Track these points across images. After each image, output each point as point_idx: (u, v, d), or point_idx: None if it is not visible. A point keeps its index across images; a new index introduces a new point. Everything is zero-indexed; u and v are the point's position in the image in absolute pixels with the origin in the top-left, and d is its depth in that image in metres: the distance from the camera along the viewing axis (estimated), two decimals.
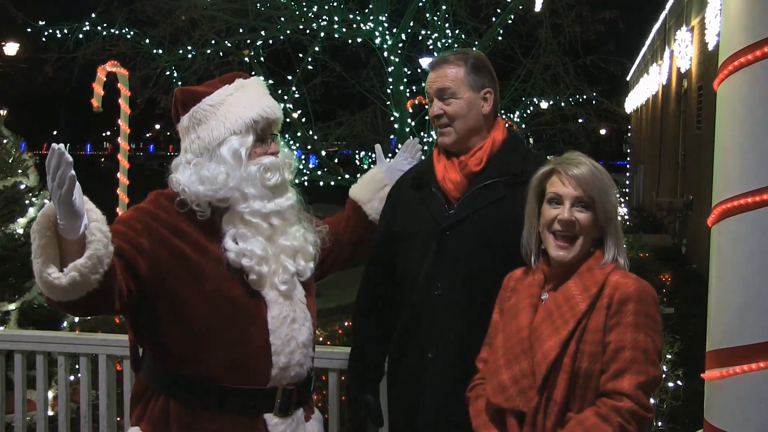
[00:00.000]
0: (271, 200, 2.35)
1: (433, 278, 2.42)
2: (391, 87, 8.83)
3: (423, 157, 2.91)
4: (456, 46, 9.29)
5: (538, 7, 9.08)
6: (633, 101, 25.82)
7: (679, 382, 4.71)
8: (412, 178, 2.62)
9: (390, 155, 9.58)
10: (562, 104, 10.42)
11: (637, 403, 1.98)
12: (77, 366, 3.93)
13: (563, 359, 2.04)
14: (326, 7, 8.73)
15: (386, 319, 2.61)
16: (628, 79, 27.60)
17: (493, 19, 9.37)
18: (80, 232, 1.99)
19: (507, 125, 2.59)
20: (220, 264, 2.29)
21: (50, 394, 4.65)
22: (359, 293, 2.71)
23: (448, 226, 2.42)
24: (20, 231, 5.47)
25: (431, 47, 9.17)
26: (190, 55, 9.14)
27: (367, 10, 8.87)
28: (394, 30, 8.78)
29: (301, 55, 9.55)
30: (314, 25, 8.91)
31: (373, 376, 2.71)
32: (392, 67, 8.73)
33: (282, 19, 9.08)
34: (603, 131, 17.99)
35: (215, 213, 2.34)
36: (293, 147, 9.18)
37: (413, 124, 8.90)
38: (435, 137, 2.56)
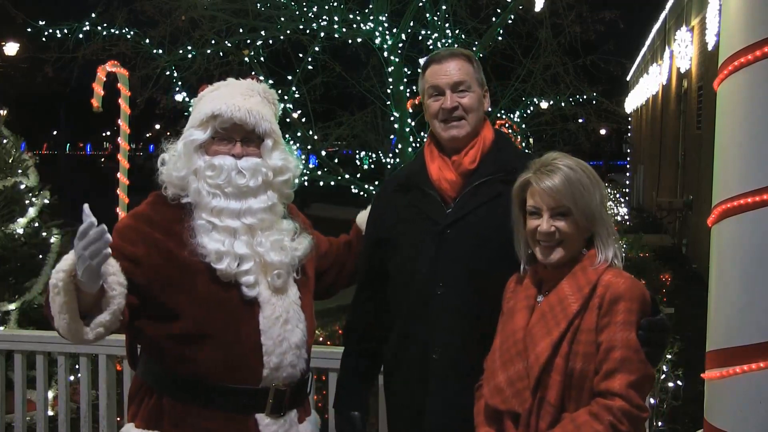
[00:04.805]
0: (240, 199, 2.34)
1: (435, 278, 2.40)
2: (391, 87, 8.81)
3: None
4: (456, 46, 9.28)
5: (538, 8, 9.06)
6: (633, 101, 25.82)
7: (679, 382, 4.71)
8: (399, 182, 2.59)
9: (390, 155, 9.61)
10: (562, 104, 10.39)
11: (629, 403, 1.98)
12: (77, 366, 3.93)
13: (556, 360, 2.04)
14: (326, 7, 8.71)
15: (378, 332, 2.59)
16: (628, 79, 27.59)
17: (493, 19, 9.35)
18: (98, 287, 2.13)
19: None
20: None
21: (50, 394, 4.65)
22: (352, 305, 2.69)
23: (448, 225, 2.41)
24: (20, 231, 5.47)
25: (431, 47, 9.15)
26: (190, 55, 9.11)
27: (367, 10, 8.86)
28: (394, 30, 8.76)
29: (301, 55, 9.51)
30: (314, 25, 8.89)
31: (362, 391, 2.67)
32: (392, 67, 8.71)
33: (282, 19, 9.06)
34: (603, 131, 17.97)
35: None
36: (293, 147, 9.17)
37: (413, 124, 8.88)
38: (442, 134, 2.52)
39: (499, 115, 9.74)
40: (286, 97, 9.02)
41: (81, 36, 9.10)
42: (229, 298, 2.30)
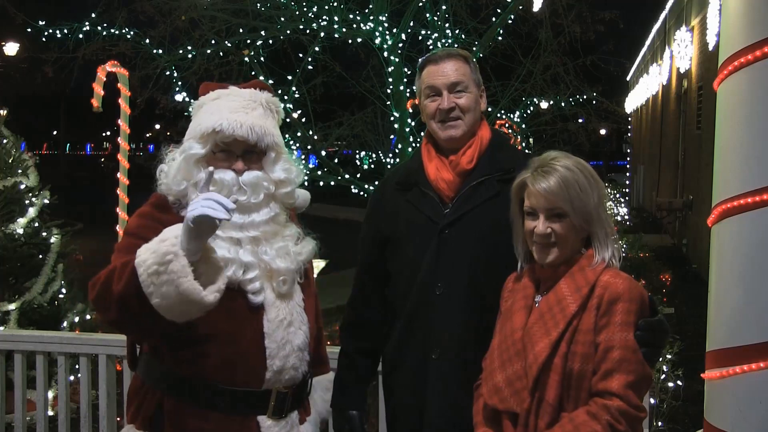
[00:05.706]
0: (242, 213, 2.30)
1: (434, 278, 2.41)
2: (391, 87, 8.81)
3: None
4: (456, 46, 9.28)
5: (536, 8, 9.06)
6: (633, 101, 25.83)
7: (679, 382, 4.71)
8: (397, 181, 2.59)
9: (390, 155, 9.61)
10: (562, 104, 10.39)
11: (628, 403, 1.98)
12: (77, 366, 3.93)
13: (554, 360, 2.04)
14: (326, 7, 8.71)
15: (377, 331, 2.60)
16: (628, 79, 27.60)
17: (493, 19, 9.35)
18: (197, 257, 2.09)
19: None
20: None
21: (50, 394, 4.65)
22: (349, 303, 2.70)
23: (447, 225, 2.42)
24: (20, 231, 5.47)
25: (431, 47, 9.15)
26: (190, 55, 9.11)
27: (367, 10, 8.86)
28: (394, 30, 8.77)
29: (301, 55, 9.52)
30: (314, 25, 8.90)
31: (360, 389, 2.68)
32: (392, 67, 8.71)
33: (282, 19, 9.07)
34: (603, 131, 17.96)
35: None
36: (293, 147, 9.17)
37: (413, 124, 8.88)
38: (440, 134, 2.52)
39: (499, 115, 9.74)
40: (286, 97, 9.02)
41: (81, 36, 9.09)
42: (234, 301, 2.29)
